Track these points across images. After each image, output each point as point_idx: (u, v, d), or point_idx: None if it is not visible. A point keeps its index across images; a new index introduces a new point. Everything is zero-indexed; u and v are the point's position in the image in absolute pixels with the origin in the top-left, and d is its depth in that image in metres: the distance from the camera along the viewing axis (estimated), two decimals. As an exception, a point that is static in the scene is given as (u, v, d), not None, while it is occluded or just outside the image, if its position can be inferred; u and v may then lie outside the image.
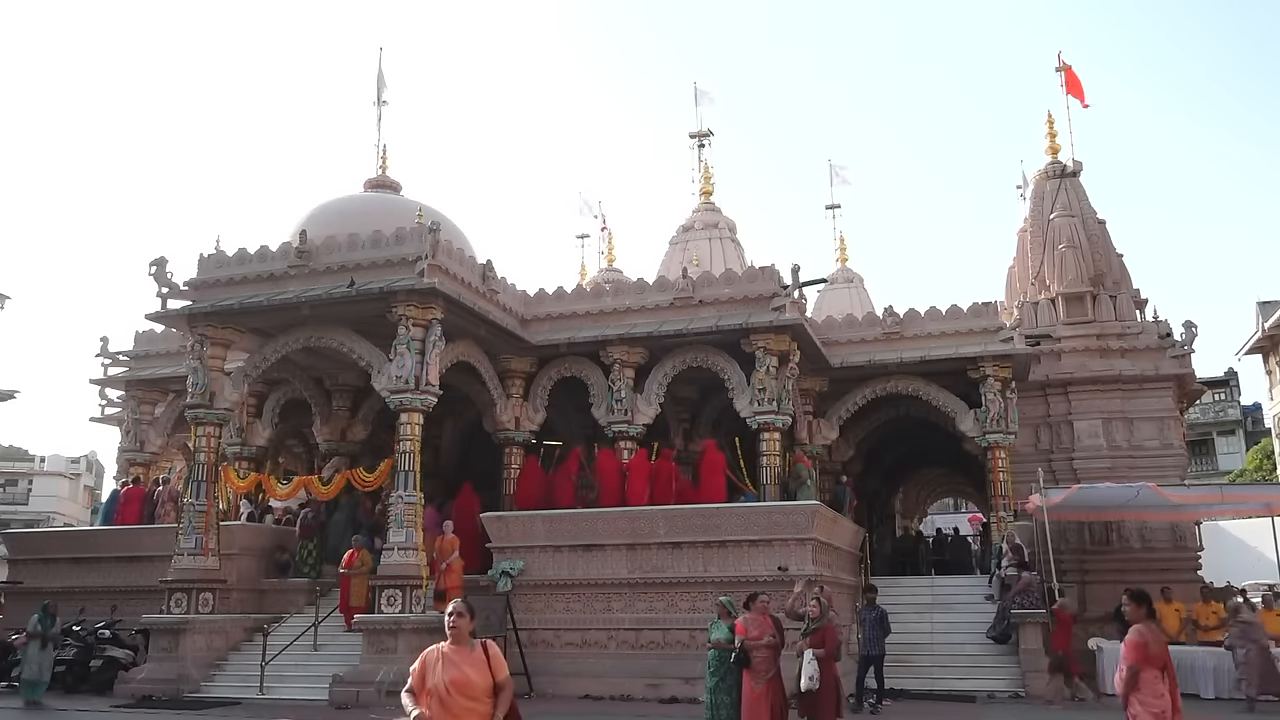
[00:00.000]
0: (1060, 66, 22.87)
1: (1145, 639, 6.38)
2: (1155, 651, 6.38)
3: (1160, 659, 6.41)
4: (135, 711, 13.67)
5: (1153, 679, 6.36)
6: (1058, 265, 21.70)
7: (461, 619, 5.40)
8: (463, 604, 5.46)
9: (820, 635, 9.91)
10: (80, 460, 57.47)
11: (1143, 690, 6.35)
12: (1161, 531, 19.34)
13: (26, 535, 22.72)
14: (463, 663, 5.26)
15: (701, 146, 28.39)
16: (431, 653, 5.38)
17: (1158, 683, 6.37)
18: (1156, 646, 6.40)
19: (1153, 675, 6.36)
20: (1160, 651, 6.41)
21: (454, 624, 5.37)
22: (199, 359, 16.10)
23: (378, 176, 23.94)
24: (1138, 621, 6.48)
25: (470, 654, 5.33)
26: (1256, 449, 39.26)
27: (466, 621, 5.41)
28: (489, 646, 5.40)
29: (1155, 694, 6.35)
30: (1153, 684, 6.36)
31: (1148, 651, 6.35)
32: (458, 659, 5.28)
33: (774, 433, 16.60)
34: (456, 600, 5.50)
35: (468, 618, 5.43)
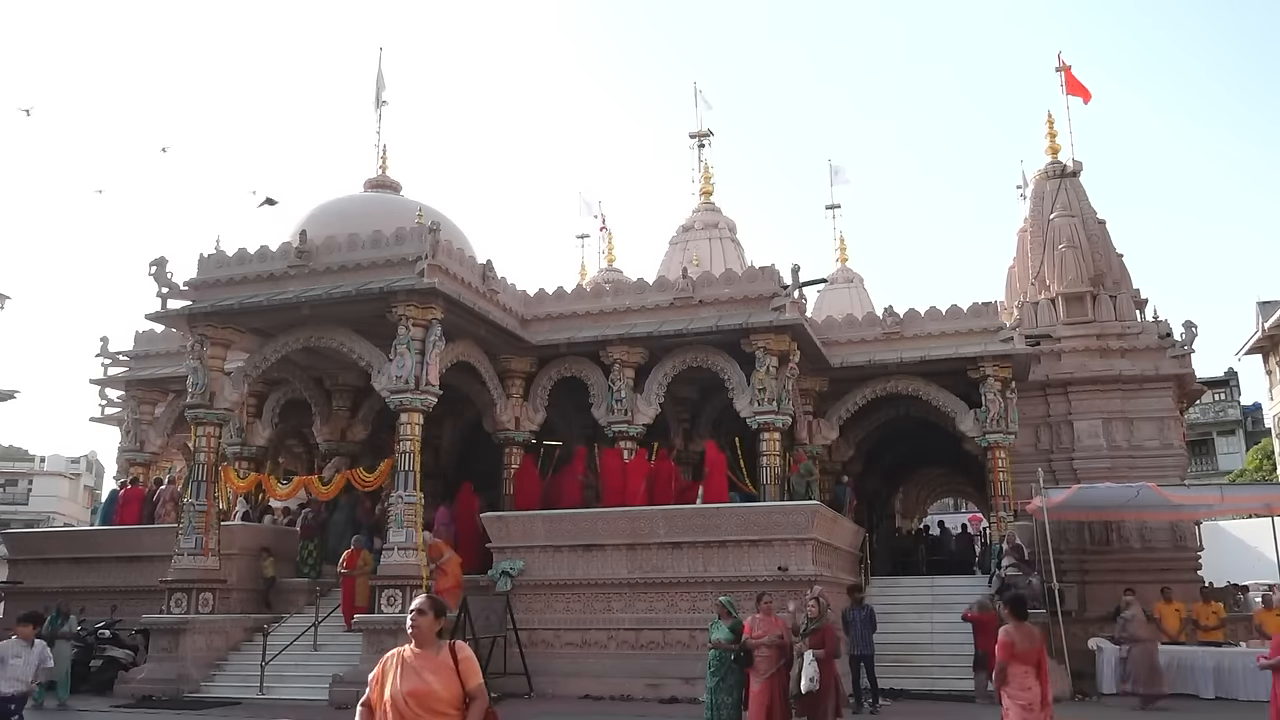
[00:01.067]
0: (1060, 66, 22.88)
1: (1013, 638, 7.06)
2: (1022, 649, 7.04)
3: (1029, 656, 7.06)
4: (135, 711, 13.68)
5: (1021, 674, 7.01)
6: (1058, 265, 21.70)
7: (423, 618, 4.64)
8: (426, 600, 4.73)
9: (820, 636, 9.92)
10: (80, 460, 57.47)
11: (1011, 684, 7.01)
12: (1161, 531, 19.34)
13: (26, 535, 22.72)
14: (425, 669, 4.55)
15: (701, 146, 28.44)
16: (391, 658, 4.67)
17: (1026, 677, 7.01)
18: (1024, 645, 7.06)
19: (1021, 670, 7.01)
20: (1028, 649, 7.06)
21: (414, 623, 4.63)
22: (199, 359, 16.10)
23: (378, 176, 23.95)
24: (1010, 624, 7.13)
25: (434, 659, 4.60)
26: (1256, 449, 39.26)
27: (429, 621, 4.65)
28: (458, 650, 4.67)
29: (1023, 687, 6.99)
30: (1021, 678, 7.00)
31: (1015, 649, 7.03)
32: (419, 665, 4.57)
33: (774, 433, 16.60)
34: (420, 596, 4.76)
35: (430, 616, 4.66)
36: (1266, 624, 15.60)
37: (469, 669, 4.62)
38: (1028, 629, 7.23)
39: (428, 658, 4.60)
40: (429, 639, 4.65)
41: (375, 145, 24.42)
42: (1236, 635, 16.56)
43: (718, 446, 17.05)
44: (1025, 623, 7.24)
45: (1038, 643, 7.21)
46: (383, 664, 4.66)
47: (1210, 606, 16.29)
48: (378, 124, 24.59)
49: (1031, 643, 7.15)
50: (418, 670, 4.55)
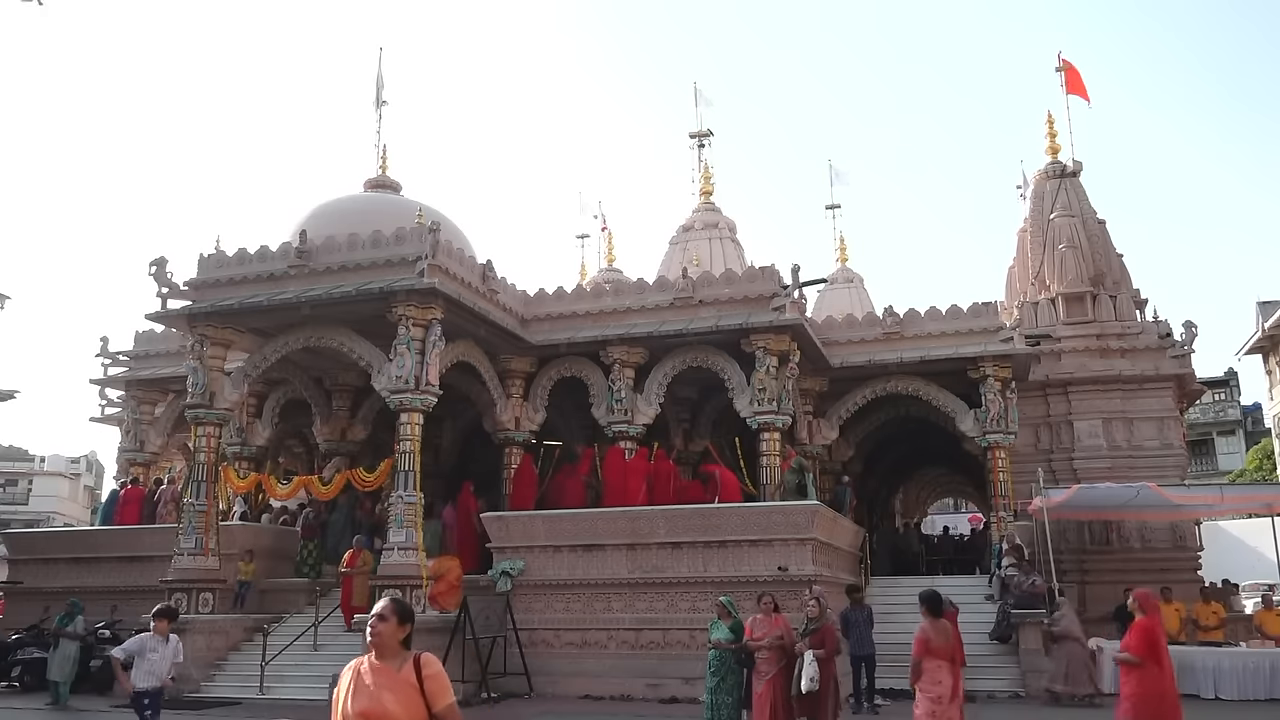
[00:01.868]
0: (1060, 66, 22.87)
1: (927, 635, 7.41)
2: (937, 645, 7.38)
3: (943, 652, 7.40)
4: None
5: (934, 668, 7.36)
6: (1058, 265, 21.70)
7: (384, 624, 3.93)
8: (389, 603, 4.03)
9: (820, 636, 9.91)
10: (80, 460, 57.50)
11: (924, 679, 7.36)
12: (1161, 531, 19.34)
13: (26, 535, 22.70)
14: (382, 687, 3.85)
15: (701, 146, 28.42)
16: (348, 671, 4.01)
17: (939, 671, 7.35)
18: (939, 641, 7.41)
19: (934, 665, 7.36)
20: (943, 646, 7.40)
21: (374, 630, 3.94)
22: (199, 359, 16.09)
23: (378, 176, 23.93)
24: (925, 621, 7.48)
25: (395, 675, 3.88)
26: (1256, 449, 39.28)
27: (391, 627, 3.95)
28: (424, 664, 3.94)
29: (934, 681, 7.34)
30: (934, 673, 7.35)
31: (929, 645, 7.38)
32: (377, 681, 3.87)
33: (774, 433, 16.59)
34: (383, 599, 4.10)
35: (393, 622, 3.95)
36: (1266, 624, 15.65)
37: (436, 687, 3.90)
38: (943, 625, 7.54)
39: (387, 672, 3.91)
40: (392, 649, 3.97)
41: (375, 145, 24.42)
42: (1236, 635, 16.56)
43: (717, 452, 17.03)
44: (940, 620, 7.56)
45: (952, 639, 7.53)
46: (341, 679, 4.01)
47: (1210, 606, 16.29)
48: (378, 124, 24.59)
49: (946, 639, 7.46)
50: (374, 688, 3.85)
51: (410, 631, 4.06)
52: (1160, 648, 7.55)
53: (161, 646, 8.44)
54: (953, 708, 7.30)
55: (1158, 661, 7.56)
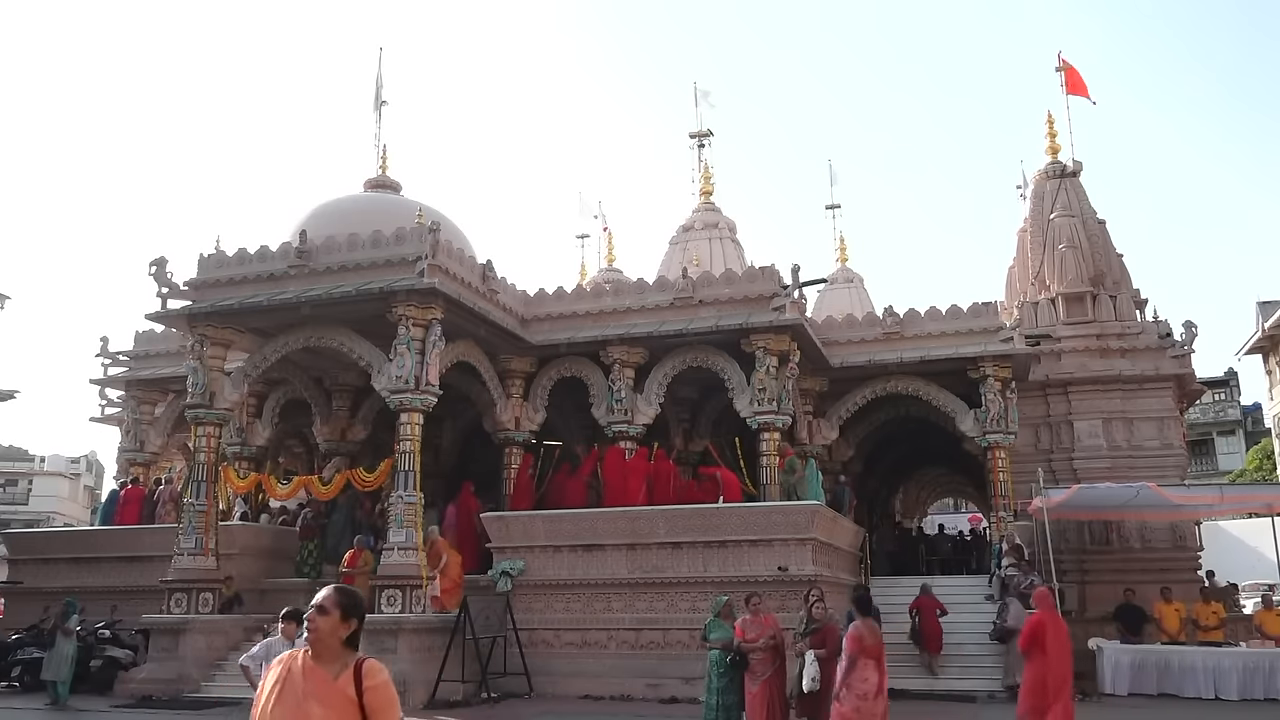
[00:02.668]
0: (1060, 66, 22.86)
1: (862, 634, 7.94)
2: (869, 644, 7.94)
3: (873, 650, 7.95)
4: (135, 711, 13.67)
5: (864, 665, 7.90)
6: (1058, 265, 21.69)
7: (323, 617, 3.32)
8: (333, 593, 3.38)
9: (821, 636, 9.91)
10: (80, 460, 57.52)
11: (853, 675, 7.89)
12: (1161, 531, 19.34)
13: (26, 535, 22.71)
14: (311, 695, 3.23)
15: (701, 146, 28.41)
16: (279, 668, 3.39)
17: (867, 669, 7.91)
18: (871, 640, 7.96)
19: (865, 663, 7.89)
20: (874, 644, 7.98)
21: (311, 624, 3.34)
22: (199, 359, 16.09)
23: (378, 176, 23.93)
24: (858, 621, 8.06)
25: (329, 683, 3.26)
26: (1256, 449, 39.29)
27: (332, 623, 3.32)
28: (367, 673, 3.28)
29: (862, 678, 7.87)
30: (863, 670, 7.89)
31: (863, 644, 7.92)
32: (306, 688, 3.25)
33: (774, 433, 16.59)
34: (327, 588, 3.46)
35: (334, 616, 3.32)
36: (1266, 624, 15.65)
37: (378, 701, 3.25)
38: (873, 625, 8.14)
39: (321, 679, 3.27)
40: (331, 649, 3.32)
41: (375, 145, 24.41)
42: (1236, 635, 16.56)
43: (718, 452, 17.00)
44: (869, 619, 8.15)
45: (880, 639, 8.15)
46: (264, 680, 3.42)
47: (1210, 606, 16.28)
48: (378, 124, 24.58)
49: (876, 638, 8.06)
50: (301, 695, 3.23)
51: (357, 629, 3.38)
52: (1043, 641, 8.59)
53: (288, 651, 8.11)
54: (878, 703, 7.87)
55: (1043, 652, 8.61)
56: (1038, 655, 8.66)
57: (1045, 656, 8.62)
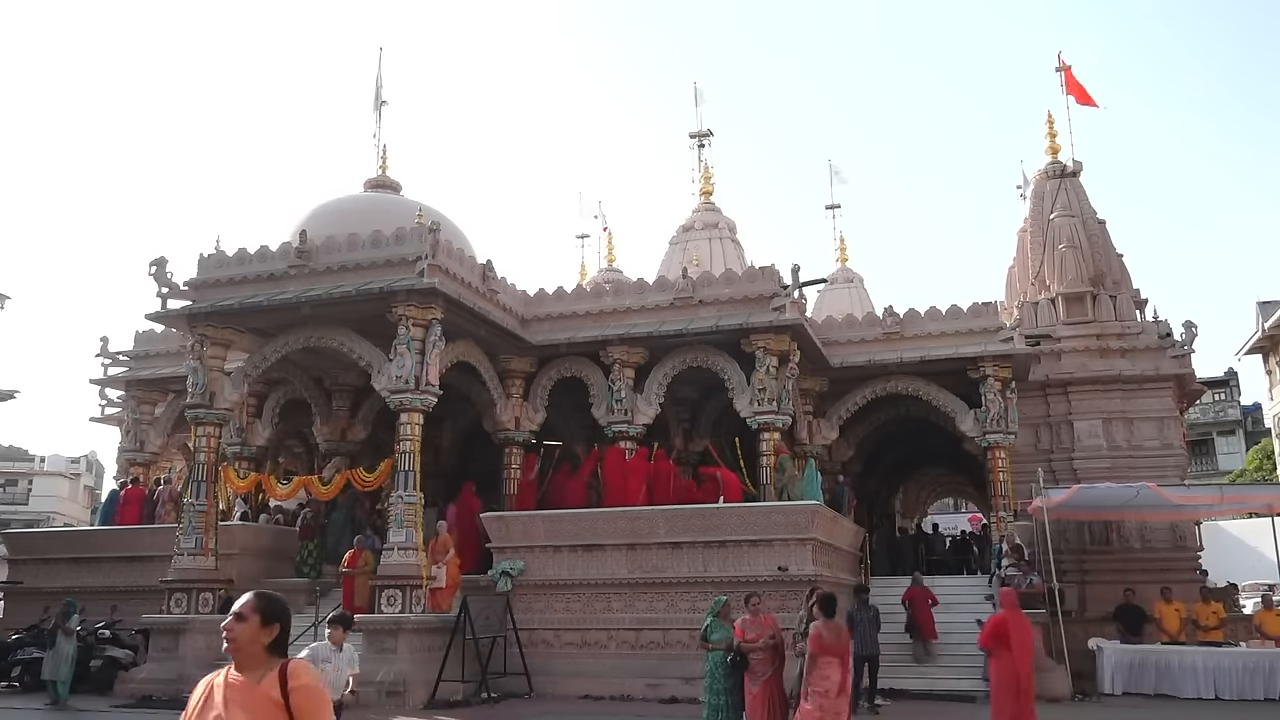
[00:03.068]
0: (1060, 66, 22.85)
1: (821, 633, 8.17)
2: (829, 643, 8.15)
3: (835, 650, 8.16)
4: (135, 711, 13.68)
5: (825, 664, 8.11)
6: (1058, 265, 21.69)
7: (241, 625, 3.10)
8: (252, 599, 3.16)
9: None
10: (80, 460, 57.51)
11: (814, 673, 8.11)
12: (1161, 531, 19.33)
13: (26, 535, 22.71)
14: (234, 702, 3.05)
15: (701, 146, 28.44)
16: (201, 688, 3.18)
17: (829, 667, 8.12)
18: (831, 639, 8.18)
19: (827, 661, 8.11)
20: (835, 644, 8.18)
21: (229, 633, 3.11)
22: (199, 359, 16.09)
23: (378, 176, 23.93)
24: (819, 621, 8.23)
25: (253, 691, 3.06)
26: (1256, 449, 39.28)
27: (250, 630, 3.11)
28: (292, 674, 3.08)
29: (823, 676, 8.10)
30: (824, 668, 8.11)
31: (823, 643, 8.13)
32: (229, 697, 3.06)
33: (774, 433, 16.59)
34: (247, 594, 3.23)
35: (254, 622, 3.10)
36: (1266, 624, 15.65)
37: (305, 703, 3.04)
38: (835, 626, 8.31)
39: (245, 688, 3.07)
40: (252, 656, 3.11)
41: (375, 145, 24.42)
42: (1236, 635, 16.56)
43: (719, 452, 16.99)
44: (833, 620, 8.30)
45: (844, 638, 8.39)
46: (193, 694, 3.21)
47: (1210, 606, 16.28)
48: (378, 124, 24.59)
49: (839, 638, 8.28)
50: (223, 705, 3.05)
51: (280, 634, 3.16)
52: (1006, 639, 8.98)
53: (335, 656, 7.67)
54: (840, 701, 8.10)
55: (1006, 648, 9.01)
56: (1002, 653, 9.08)
57: (1009, 654, 8.99)
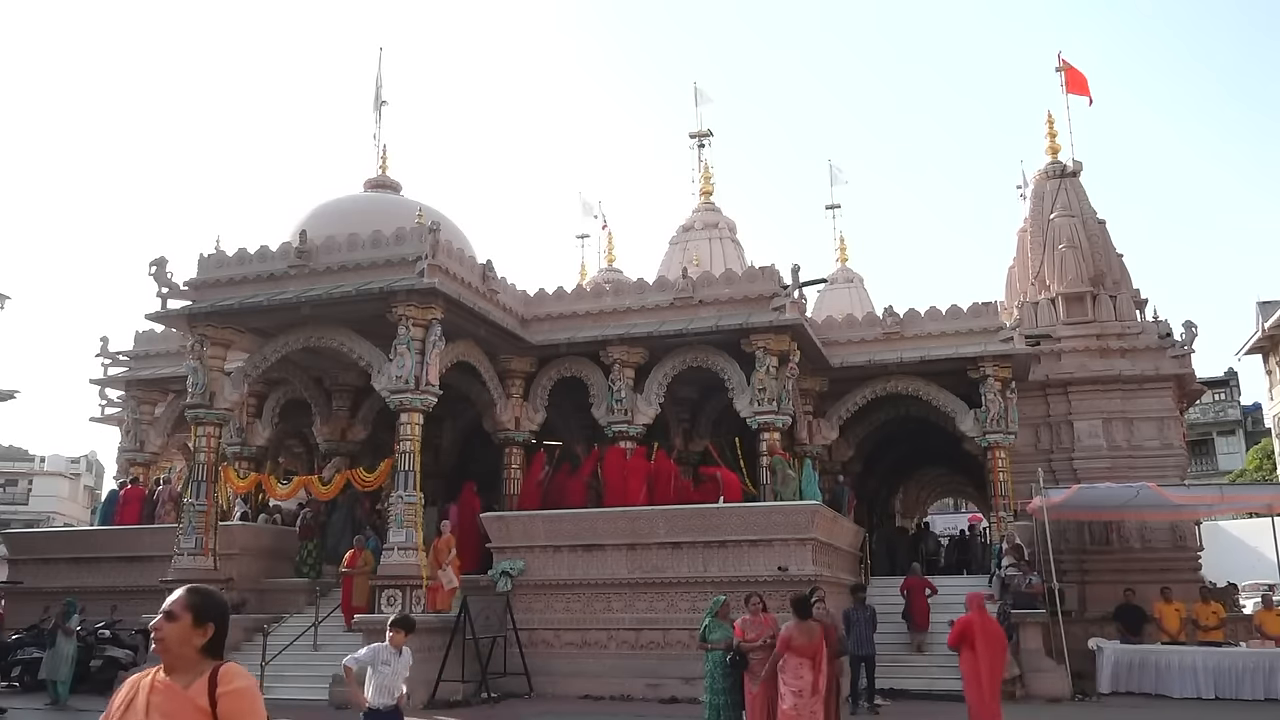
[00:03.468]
0: (1060, 66, 22.84)
1: (791, 634, 8.32)
2: (799, 644, 8.30)
3: (807, 650, 8.31)
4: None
5: (796, 664, 8.28)
6: (1058, 265, 21.69)
7: (170, 625, 2.87)
8: (183, 596, 2.92)
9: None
10: (80, 460, 57.51)
11: (787, 673, 8.27)
12: (1161, 531, 19.32)
13: (26, 535, 22.72)
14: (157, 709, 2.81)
15: (701, 146, 28.41)
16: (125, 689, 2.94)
17: (801, 668, 8.29)
18: (801, 640, 8.31)
19: (797, 662, 8.28)
20: (806, 644, 8.31)
21: (157, 633, 2.88)
22: (199, 359, 16.09)
23: (378, 176, 23.93)
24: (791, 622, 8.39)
25: (180, 695, 2.82)
26: (1256, 449, 39.27)
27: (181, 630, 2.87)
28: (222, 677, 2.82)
29: (796, 676, 8.27)
30: (796, 669, 8.27)
31: (793, 643, 8.30)
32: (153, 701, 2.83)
33: (774, 433, 16.59)
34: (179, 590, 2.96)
35: (185, 621, 2.86)
36: (1266, 624, 15.65)
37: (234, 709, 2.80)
38: (807, 626, 8.40)
39: (170, 693, 2.83)
40: (183, 659, 2.86)
41: (375, 145, 24.41)
42: (1236, 635, 16.56)
43: (719, 452, 16.99)
44: (806, 621, 8.41)
45: (816, 638, 8.43)
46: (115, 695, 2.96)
47: (1210, 606, 16.28)
48: (378, 124, 24.58)
49: (810, 638, 8.36)
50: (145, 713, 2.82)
51: (215, 635, 2.92)
52: (972, 639, 9.42)
53: (395, 659, 7.45)
54: (814, 701, 8.27)
55: (971, 649, 9.45)
56: (967, 652, 9.56)
57: (974, 654, 9.46)
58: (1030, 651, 14.95)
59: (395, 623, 7.66)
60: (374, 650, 7.48)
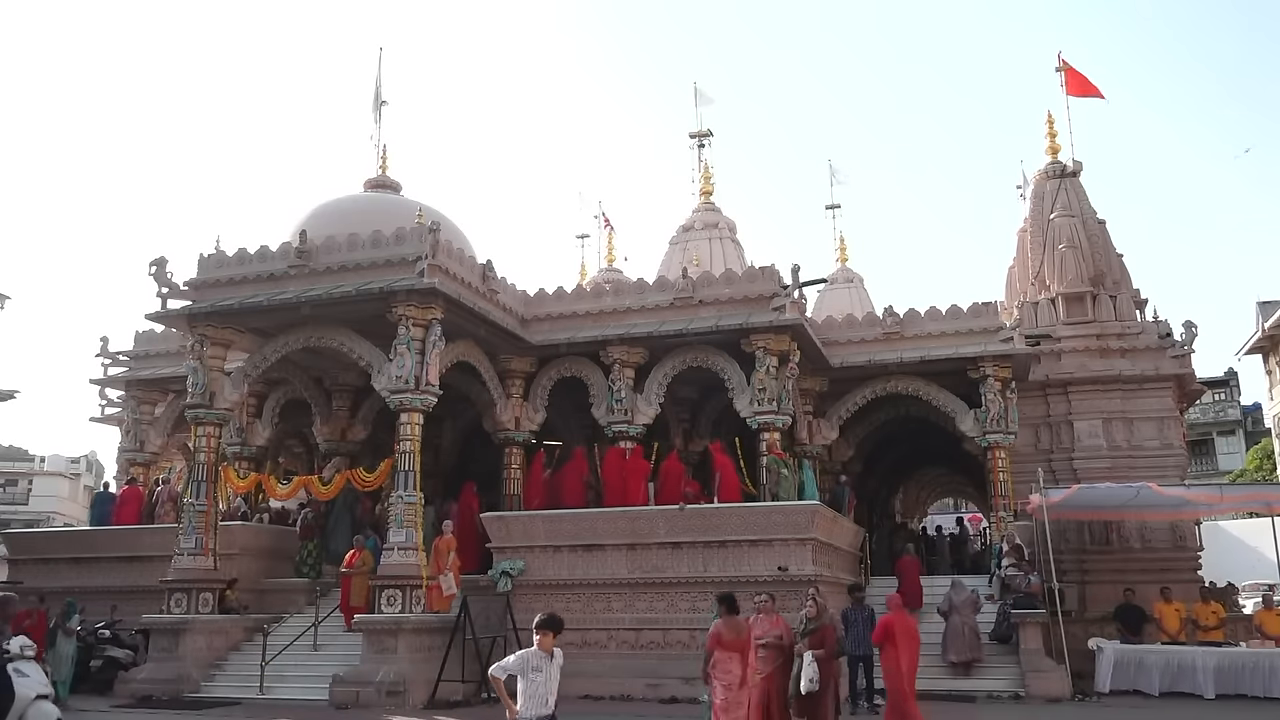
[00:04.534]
0: (1060, 66, 22.83)
1: (720, 631, 8.70)
2: (729, 639, 8.66)
3: (735, 645, 8.67)
4: (135, 711, 13.68)
5: (726, 659, 8.65)
6: (1058, 265, 21.69)
7: None
8: None
9: (819, 636, 9.92)
10: (80, 460, 57.49)
11: (718, 668, 8.65)
12: (1161, 531, 19.32)
13: (26, 535, 22.72)
14: None
15: (701, 146, 28.41)
16: None
17: (730, 662, 8.65)
18: (730, 636, 8.67)
19: (726, 657, 8.65)
20: (734, 640, 8.68)
21: None
22: (199, 359, 16.09)
23: (378, 176, 23.92)
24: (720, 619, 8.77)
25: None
26: (1256, 449, 39.28)
27: None
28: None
29: (726, 670, 8.64)
30: (726, 663, 8.65)
31: (722, 639, 8.68)
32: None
33: (774, 433, 16.59)
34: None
35: None
36: (1266, 624, 15.65)
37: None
38: (735, 623, 8.78)
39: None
40: None
41: (375, 145, 24.40)
42: (1236, 635, 16.56)
43: (723, 448, 17.01)
44: (735, 617, 8.79)
45: (744, 634, 8.83)
46: None
47: (1210, 606, 16.28)
48: (377, 124, 24.57)
49: (738, 634, 8.75)
50: None
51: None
52: (894, 637, 10.18)
53: (547, 664, 6.71)
54: (743, 692, 8.68)
55: (894, 646, 10.16)
56: (890, 649, 10.26)
57: (895, 650, 10.16)
58: (1030, 651, 14.94)
59: (542, 624, 6.83)
60: (522, 657, 6.76)
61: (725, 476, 16.11)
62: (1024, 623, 15.18)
